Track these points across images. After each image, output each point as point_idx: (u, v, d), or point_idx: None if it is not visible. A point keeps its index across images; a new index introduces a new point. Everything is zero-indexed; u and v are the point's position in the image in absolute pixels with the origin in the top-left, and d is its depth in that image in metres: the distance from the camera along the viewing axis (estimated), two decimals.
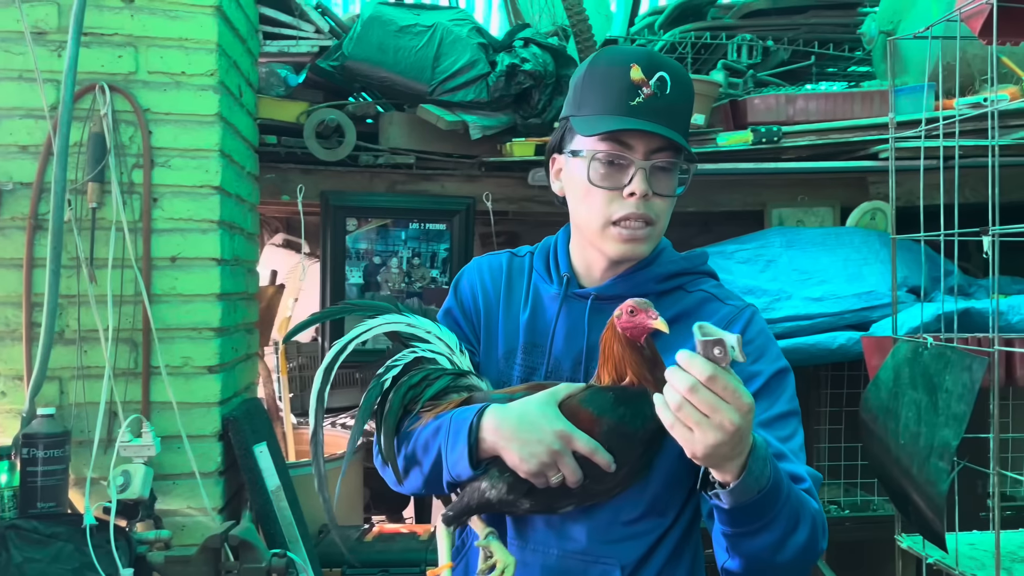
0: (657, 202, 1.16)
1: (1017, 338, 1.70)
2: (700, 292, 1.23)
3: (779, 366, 1.18)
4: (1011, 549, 1.57)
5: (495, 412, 1.11)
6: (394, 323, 1.22)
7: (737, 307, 1.21)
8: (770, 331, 1.23)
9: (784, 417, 1.15)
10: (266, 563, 1.82)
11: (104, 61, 2.04)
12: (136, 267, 2.02)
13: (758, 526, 1.02)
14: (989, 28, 1.32)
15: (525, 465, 1.07)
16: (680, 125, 1.17)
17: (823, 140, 2.69)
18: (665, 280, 1.22)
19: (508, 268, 1.32)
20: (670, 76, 1.15)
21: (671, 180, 1.17)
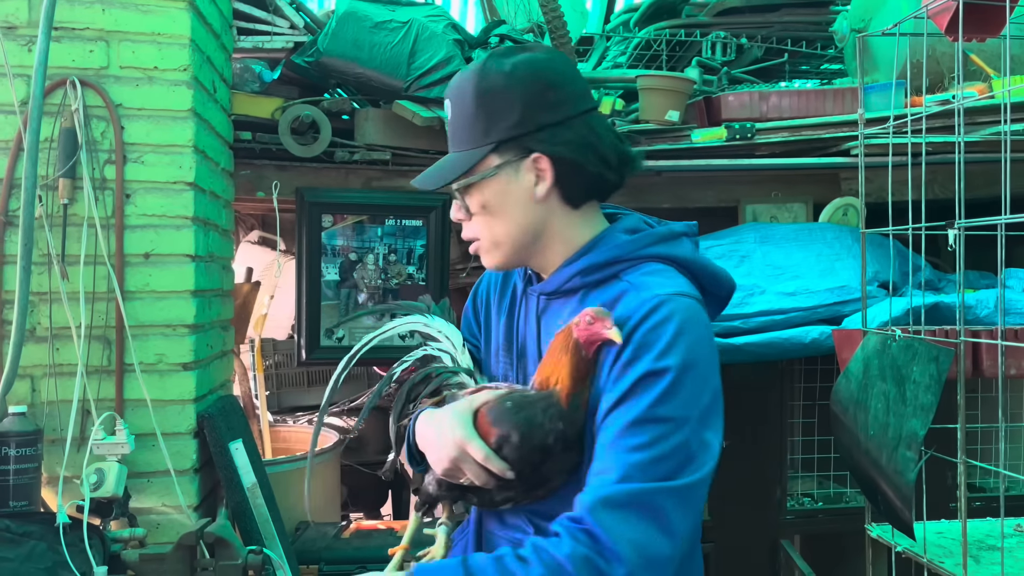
0: (475, 221, 1.22)
1: (983, 330, 1.74)
2: (624, 283, 1.15)
3: (658, 366, 1.05)
4: (978, 537, 1.61)
5: (422, 419, 1.23)
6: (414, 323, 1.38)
7: (642, 299, 1.10)
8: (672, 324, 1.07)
9: (640, 424, 1.04)
10: (242, 560, 1.81)
11: (75, 56, 2.01)
12: (109, 264, 2.00)
13: None
14: (955, 25, 1.35)
15: (436, 468, 1.19)
16: (458, 141, 1.20)
17: (796, 137, 2.73)
18: (596, 271, 1.17)
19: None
20: (450, 98, 1.21)
21: (478, 195, 1.19)
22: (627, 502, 1.00)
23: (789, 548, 2.69)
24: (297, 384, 3.57)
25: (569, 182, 1.17)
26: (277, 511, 2.26)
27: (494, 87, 1.15)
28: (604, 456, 1.05)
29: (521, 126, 1.15)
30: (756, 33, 3.33)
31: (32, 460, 1.84)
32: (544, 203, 1.18)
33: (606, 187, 1.21)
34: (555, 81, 1.17)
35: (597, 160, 1.17)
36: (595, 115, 1.20)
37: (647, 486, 1.00)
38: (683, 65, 3.29)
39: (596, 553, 0.99)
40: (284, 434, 3.24)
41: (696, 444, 1.04)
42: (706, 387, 1.07)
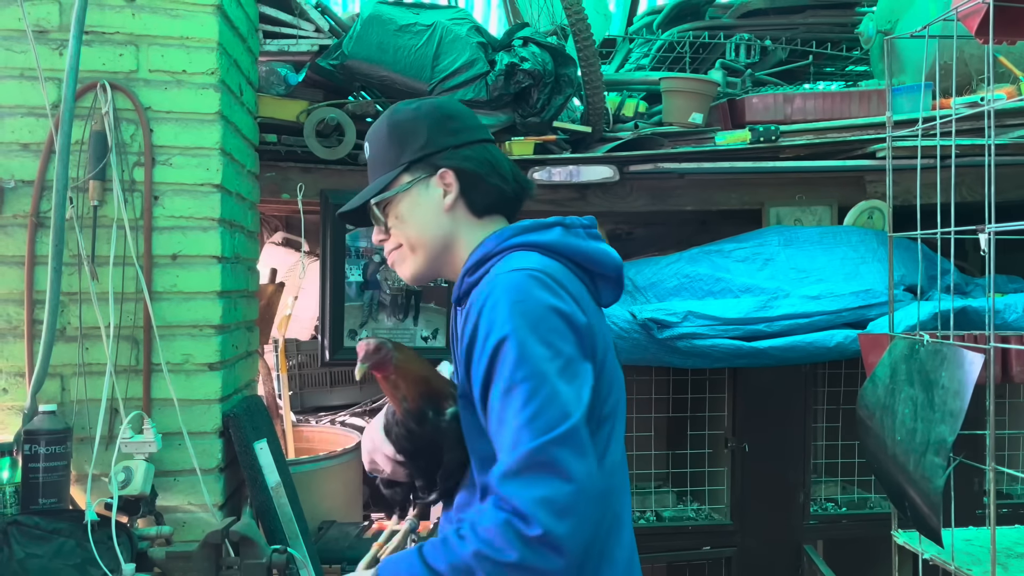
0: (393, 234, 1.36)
1: (1013, 335, 1.71)
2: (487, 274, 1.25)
3: (499, 338, 1.14)
4: (1007, 545, 1.59)
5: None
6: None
7: (481, 288, 1.22)
8: (498, 296, 1.17)
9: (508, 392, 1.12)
10: (266, 559, 1.83)
11: (105, 59, 2.04)
12: (137, 265, 2.03)
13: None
14: (986, 27, 1.34)
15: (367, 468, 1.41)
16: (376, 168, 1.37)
17: (821, 139, 2.71)
18: (474, 271, 1.29)
19: None
20: (368, 139, 1.39)
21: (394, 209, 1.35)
22: (524, 465, 1.07)
23: (812, 553, 2.67)
24: (320, 385, 3.60)
25: (472, 192, 1.34)
26: (300, 510, 2.28)
27: (403, 119, 1.36)
28: (497, 432, 1.14)
29: (428, 147, 1.34)
30: (780, 35, 3.31)
31: (61, 458, 1.87)
32: (452, 213, 1.34)
33: (506, 200, 1.36)
34: (455, 113, 1.39)
35: (496, 175, 1.34)
36: (492, 144, 1.40)
37: (535, 444, 1.07)
38: (706, 67, 3.28)
39: (514, 516, 1.06)
40: (307, 434, 3.26)
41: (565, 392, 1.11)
42: (552, 341, 1.14)
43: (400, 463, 1.33)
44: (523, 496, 1.06)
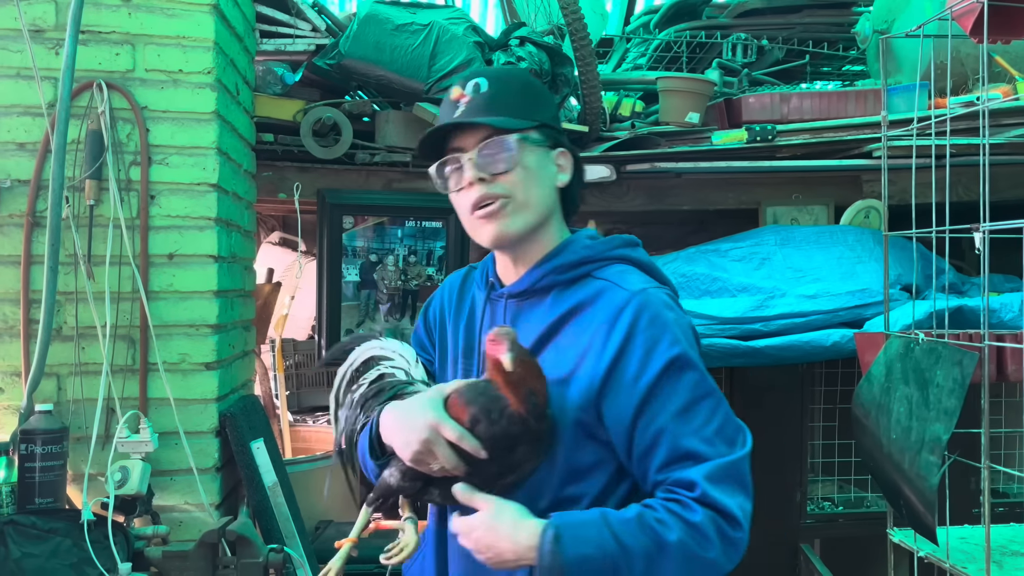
0: (501, 180, 1.22)
1: (1008, 334, 1.72)
2: (601, 280, 1.24)
3: (671, 355, 1.16)
4: (1001, 543, 1.59)
5: (388, 408, 1.23)
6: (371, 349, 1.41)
7: (629, 292, 1.20)
8: (666, 316, 1.19)
9: (690, 407, 1.15)
10: (263, 558, 1.83)
11: (102, 59, 2.04)
12: (134, 264, 2.03)
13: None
14: (980, 27, 1.34)
15: (404, 453, 1.17)
16: (503, 108, 1.22)
17: (817, 139, 2.71)
18: (569, 269, 1.25)
19: (462, 281, 1.42)
20: (487, 78, 1.24)
21: (510, 155, 1.21)
22: (727, 474, 1.13)
23: (809, 552, 2.67)
24: (317, 384, 3.60)
25: (572, 187, 1.30)
26: (297, 510, 2.28)
27: (537, 84, 1.31)
28: (675, 443, 1.14)
29: (555, 122, 1.29)
30: (777, 34, 3.31)
31: (58, 458, 1.87)
32: (555, 195, 1.28)
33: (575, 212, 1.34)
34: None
35: (583, 185, 1.34)
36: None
37: (734, 457, 1.14)
38: (703, 67, 3.28)
39: (722, 518, 1.11)
40: (304, 434, 3.26)
41: (731, 410, 1.18)
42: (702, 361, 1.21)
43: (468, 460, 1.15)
44: (730, 501, 1.12)
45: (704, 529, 1.10)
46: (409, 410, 1.19)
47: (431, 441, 1.14)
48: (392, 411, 1.22)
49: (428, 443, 1.14)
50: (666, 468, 1.15)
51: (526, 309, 1.26)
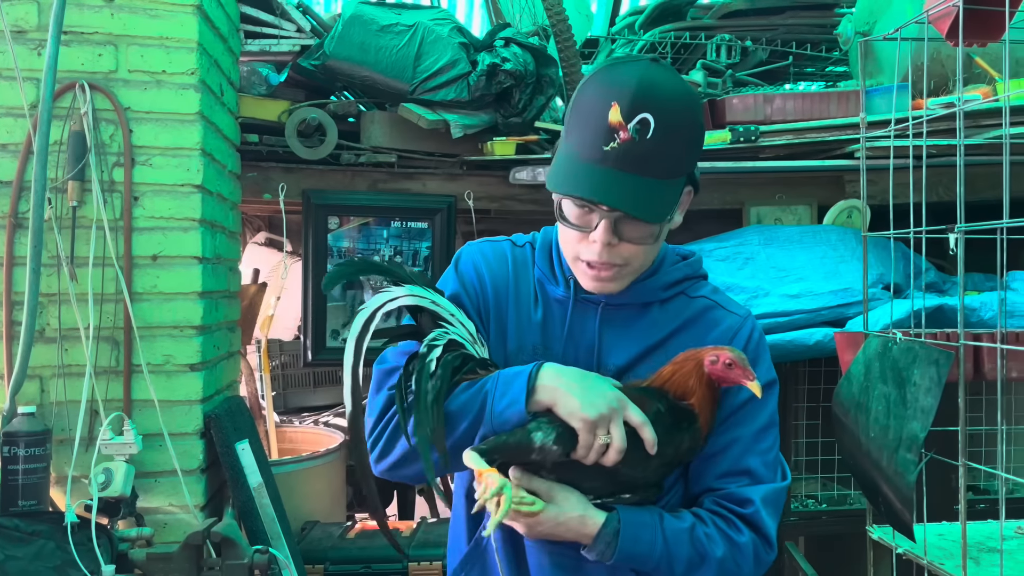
0: (626, 248, 1.14)
1: (985, 333, 1.74)
2: (702, 299, 1.28)
3: (768, 379, 1.22)
4: (979, 539, 1.61)
5: (555, 366, 1.14)
6: (420, 297, 1.17)
7: (740, 317, 1.26)
8: (766, 340, 1.28)
9: (765, 430, 1.22)
10: (248, 559, 1.83)
11: (84, 59, 2.04)
12: (117, 265, 2.02)
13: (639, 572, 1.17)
14: (956, 30, 1.36)
15: (584, 412, 1.08)
16: (663, 170, 1.10)
17: (800, 139, 2.73)
18: (670, 287, 1.26)
19: (512, 259, 1.30)
20: (656, 116, 1.07)
21: (645, 227, 1.14)
22: (774, 499, 1.19)
23: (793, 550, 2.69)
24: (303, 385, 3.59)
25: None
26: (283, 511, 2.28)
27: (699, 121, 1.15)
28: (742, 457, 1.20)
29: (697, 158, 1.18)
30: (761, 36, 3.33)
31: (41, 460, 1.87)
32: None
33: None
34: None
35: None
36: None
37: (781, 485, 1.21)
38: (688, 68, 3.30)
39: (762, 541, 1.18)
40: (290, 435, 3.25)
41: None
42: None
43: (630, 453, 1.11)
44: (771, 526, 1.18)
45: (745, 550, 1.17)
46: (588, 375, 1.14)
47: (611, 416, 1.09)
48: (564, 370, 1.14)
49: (614, 412, 1.09)
50: (725, 478, 1.21)
51: (622, 319, 1.24)
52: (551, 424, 1.10)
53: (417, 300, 1.16)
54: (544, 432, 1.10)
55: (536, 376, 1.13)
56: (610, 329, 1.23)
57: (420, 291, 1.17)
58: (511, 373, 1.15)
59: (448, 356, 1.15)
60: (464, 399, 1.15)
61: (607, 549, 1.13)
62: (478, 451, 1.10)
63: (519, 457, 1.11)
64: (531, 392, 1.12)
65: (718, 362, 1.14)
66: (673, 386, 1.15)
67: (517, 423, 1.11)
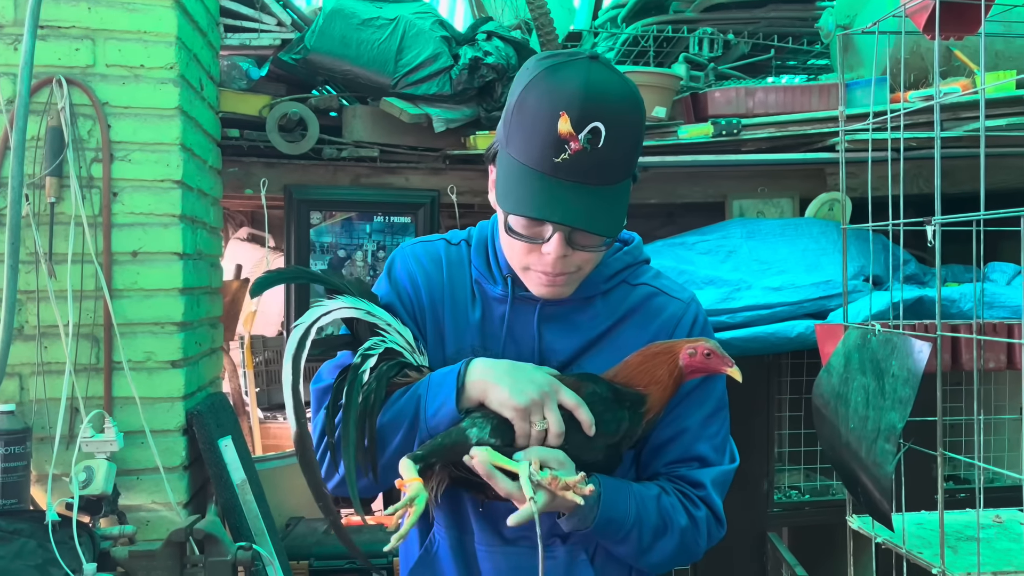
0: (579, 256, 1.13)
1: (963, 324, 1.75)
2: (644, 286, 1.27)
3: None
4: (958, 528, 1.63)
5: (485, 360, 1.13)
6: (355, 308, 1.15)
7: (683, 302, 1.26)
8: (709, 322, 1.29)
9: (713, 415, 1.25)
10: (231, 556, 1.82)
11: (61, 54, 2.02)
12: (96, 262, 2.01)
13: (608, 542, 1.18)
14: (933, 23, 1.36)
15: (514, 400, 1.07)
16: (614, 176, 1.08)
17: (782, 132, 2.74)
18: (611, 279, 1.25)
19: (447, 259, 1.27)
20: (607, 124, 1.04)
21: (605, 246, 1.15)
22: (722, 481, 1.24)
23: (776, 540, 2.71)
24: None
25: None
26: (267, 507, 2.27)
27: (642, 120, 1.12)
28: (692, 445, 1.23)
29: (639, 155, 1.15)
30: (743, 29, 3.34)
31: (21, 458, 1.85)
32: None
33: None
34: None
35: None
36: None
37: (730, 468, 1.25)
38: (670, 61, 3.30)
39: (714, 519, 1.23)
40: (274, 431, 3.25)
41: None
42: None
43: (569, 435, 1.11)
44: (719, 505, 1.23)
45: (701, 525, 1.21)
46: (519, 366, 1.12)
47: (549, 394, 1.08)
48: (493, 363, 1.12)
49: (545, 396, 1.08)
50: (675, 464, 1.23)
51: (563, 314, 1.21)
52: (485, 418, 1.09)
53: (352, 312, 1.14)
54: (479, 427, 1.08)
55: (465, 373, 1.11)
56: (551, 325, 1.21)
57: (355, 302, 1.15)
58: (441, 374, 1.13)
59: (383, 366, 1.13)
60: (398, 408, 1.14)
61: (589, 514, 1.12)
62: (413, 458, 1.06)
63: (458, 457, 1.07)
64: (461, 390, 1.10)
65: (696, 354, 1.15)
66: (639, 374, 1.15)
67: (451, 423, 1.10)
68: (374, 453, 1.11)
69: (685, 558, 1.23)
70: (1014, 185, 2.74)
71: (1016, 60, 2.70)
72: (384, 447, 1.13)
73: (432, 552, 1.26)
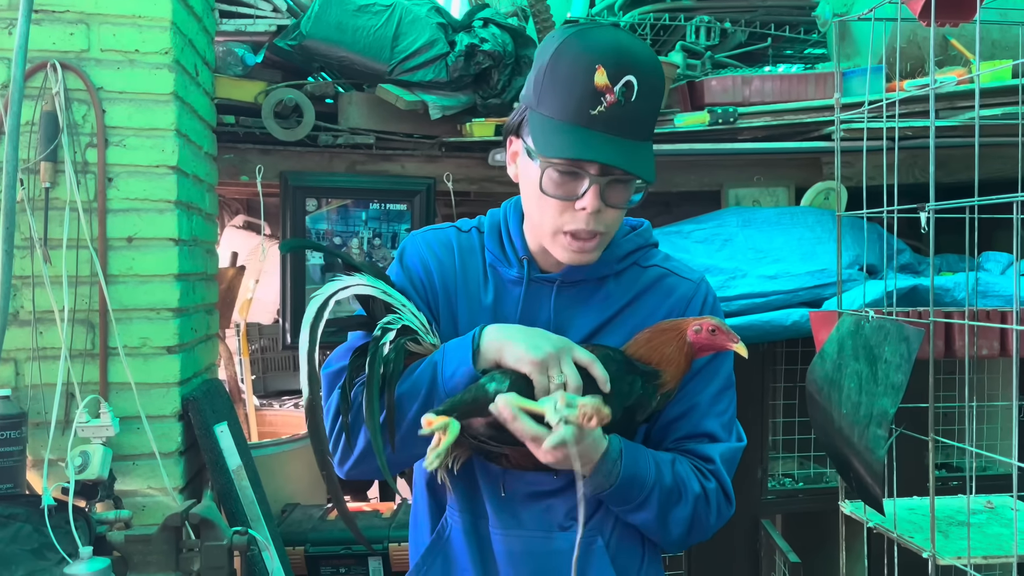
0: (609, 213, 1.15)
1: (956, 311, 1.76)
2: (655, 268, 1.29)
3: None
4: (949, 514, 1.64)
5: (498, 325, 1.15)
6: (373, 287, 1.16)
7: (694, 283, 1.28)
8: (719, 302, 1.30)
9: (721, 392, 1.26)
10: (227, 541, 1.83)
11: (56, 39, 2.01)
12: (92, 247, 2.00)
13: (628, 507, 1.17)
14: (928, 10, 1.36)
15: (531, 355, 1.08)
16: (644, 132, 1.13)
17: (778, 121, 2.74)
18: (623, 260, 1.27)
19: (458, 245, 1.29)
20: (638, 79, 1.08)
21: (626, 190, 1.15)
22: (730, 458, 1.24)
23: (769, 527, 2.73)
24: (283, 368, 3.59)
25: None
26: (263, 493, 2.28)
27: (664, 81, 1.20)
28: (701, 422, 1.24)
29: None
30: (740, 17, 3.33)
31: (17, 443, 1.86)
32: None
33: None
34: None
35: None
36: None
37: (738, 445, 1.25)
38: (667, 49, 3.29)
39: (723, 494, 1.23)
40: (270, 418, 3.25)
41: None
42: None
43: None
44: (728, 481, 1.23)
45: (711, 497, 1.20)
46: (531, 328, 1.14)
47: (559, 355, 1.09)
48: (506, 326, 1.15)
49: (562, 350, 1.09)
50: (684, 440, 1.24)
51: (577, 296, 1.23)
52: (504, 374, 1.10)
53: (370, 290, 1.16)
54: (497, 382, 1.09)
55: (480, 336, 1.13)
56: (566, 306, 1.23)
57: (373, 280, 1.17)
58: (456, 341, 1.16)
59: (402, 340, 1.15)
60: (414, 378, 1.15)
61: (613, 469, 1.12)
62: (434, 413, 1.08)
63: (479, 411, 1.09)
64: (476, 352, 1.12)
65: (702, 331, 1.15)
66: (649, 351, 1.16)
67: (468, 383, 1.11)
68: (392, 423, 1.12)
69: (697, 534, 1.22)
70: (1009, 175, 2.74)
71: (1012, 49, 2.70)
72: (402, 417, 1.13)
73: (445, 536, 1.26)
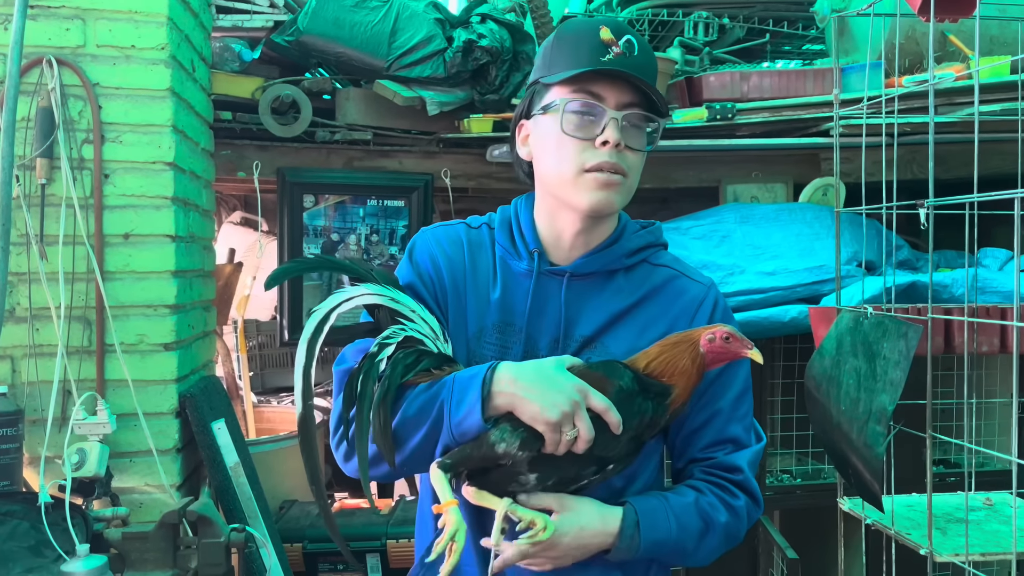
0: (629, 155, 1.19)
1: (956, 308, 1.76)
2: (665, 268, 1.30)
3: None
4: (948, 510, 1.64)
5: (510, 365, 1.12)
6: (378, 296, 1.15)
7: (704, 285, 1.29)
8: (729, 307, 1.32)
9: (741, 396, 1.27)
10: (225, 538, 1.83)
11: (51, 34, 2.00)
12: (88, 244, 2.00)
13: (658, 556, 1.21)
14: (928, 6, 1.36)
15: (545, 415, 1.07)
16: (651, 79, 1.20)
17: (776, 117, 2.73)
18: (633, 255, 1.27)
19: (468, 241, 1.29)
20: (636, 41, 1.19)
21: (642, 136, 1.21)
22: (755, 461, 1.26)
23: (768, 524, 2.73)
24: (280, 365, 3.58)
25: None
26: (260, 490, 2.27)
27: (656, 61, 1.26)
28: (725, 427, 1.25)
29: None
30: (738, 13, 3.32)
31: (13, 440, 1.85)
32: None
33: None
34: None
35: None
36: None
37: (759, 447, 1.26)
38: (665, 45, 3.29)
39: (752, 502, 1.25)
40: (268, 415, 3.25)
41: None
42: None
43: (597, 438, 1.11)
44: (756, 487, 1.25)
45: (741, 513, 1.23)
46: (543, 371, 1.10)
47: (579, 403, 1.08)
48: (520, 371, 1.11)
49: (576, 406, 1.08)
50: (711, 448, 1.25)
51: (587, 288, 1.24)
52: (513, 431, 1.10)
53: (375, 299, 1.15)
54: (507, 441, 1.09)
55: (491, 381, 1.11)
56: (576, 299, 1.24)
57: (379, 288, 1.16)
58: (465, 377, 1.13)
59: (400, 354, 1.14)
60: (421, 403, 1.14)
61: (632, 542, 1.15)
62: (442, 466, 1.10)
63: (487, 464, 1.11)
64: (487, 398, 1.10)
65: (716, 339, 1.14)
66: (661, 365, 1.14)
67: (477, 432, 1.11)
68: (390, 440, 1.12)
69: (728, 546, 1.25)
70: (1008, 171, 2.74)
71: (1010, 45, 2.70)
72: (406, 441, 1.14)
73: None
